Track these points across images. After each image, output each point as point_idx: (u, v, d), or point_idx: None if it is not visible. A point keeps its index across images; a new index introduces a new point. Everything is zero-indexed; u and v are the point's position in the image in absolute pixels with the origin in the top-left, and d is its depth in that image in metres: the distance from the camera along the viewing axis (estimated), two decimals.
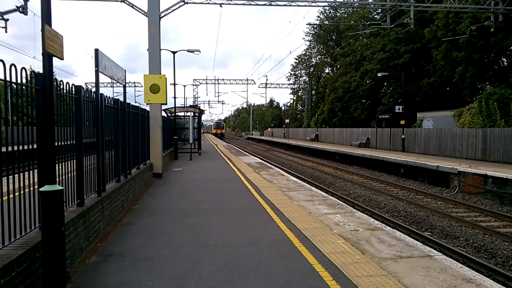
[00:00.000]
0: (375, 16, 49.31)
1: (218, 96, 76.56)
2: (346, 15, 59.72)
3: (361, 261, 5.29)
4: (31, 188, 4.35)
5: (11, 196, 3.88)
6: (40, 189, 3.97)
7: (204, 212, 8.49)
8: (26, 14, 16.10)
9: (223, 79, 63.97)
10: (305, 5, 18.28)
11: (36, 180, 4.38)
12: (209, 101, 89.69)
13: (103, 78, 7.42)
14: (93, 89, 7.11)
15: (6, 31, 17.52)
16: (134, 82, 63.02)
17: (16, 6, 16.45)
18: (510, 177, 13.96)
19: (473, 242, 9.81)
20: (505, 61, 32.23)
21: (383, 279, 4.66)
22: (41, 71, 4.29)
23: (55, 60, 4.26)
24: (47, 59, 3.96)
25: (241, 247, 5.96)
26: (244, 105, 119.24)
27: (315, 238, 6.36)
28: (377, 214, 12.16)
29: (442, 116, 30.35)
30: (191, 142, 22.78)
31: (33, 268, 3.97)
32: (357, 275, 4.78)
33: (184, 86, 48.70)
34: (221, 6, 18.32)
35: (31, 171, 4.38)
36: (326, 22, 60.34)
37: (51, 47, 3.90)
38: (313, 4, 18.46)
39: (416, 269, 4.96)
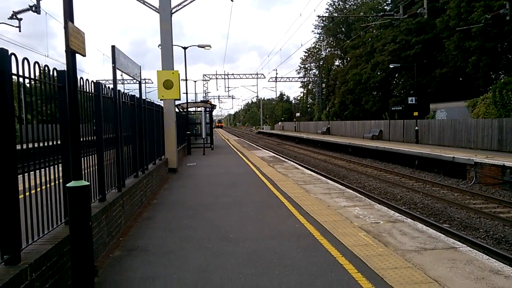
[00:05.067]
0: (385, 7, 48.79)
1: (228, 91, 76.39)
2: (355, 7, 59.14)
3: (384, 253, 5.25)
4: (52, 184, 4.37)
5: (38, 190, 3.92)
6: (67, 185, 3.99)
7: (222, 206, 8.51)
8: (39, 13, 16.21)
9: (232, 74, 63.92)
10: None
11: (53, 176, 4.37)
12: (219, 96, 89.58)
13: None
14: (110, 86, 7.13)
15: (20, 30, 17.69)
16: (145, 79, 63.20)
17: (29, 6, 16.57)
18: None
19: (493, 234, 9.70)
20: None
21: (409, 271, 4.62)
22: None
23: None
24: (71, 56, 3.97)
25: (262, 240, 5.96)
26: (254, 100, 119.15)
27: (336, 231, 6.33)
28: (395, 207, 12.06)
29: (455, 107, 29.95)
30: (203, 137, 22.83)
31: (61, 262, 4.01)
32: (382, 268, 4.75)
33: (195, 81, 48.79)
34: (232, 0, 18.24)
35: (51, 167, 4.38)
36: (335, 14, 59.77)
37: (74, 44, 3.91)
38: None
39: (442, 261, 4.91)
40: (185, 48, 22.53)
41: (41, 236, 3.93)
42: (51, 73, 4.34)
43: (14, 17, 17.60)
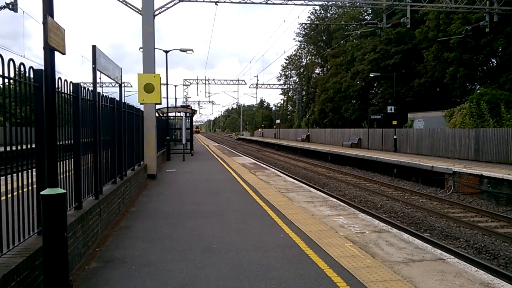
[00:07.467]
0: (366, 17, 49.46)
1: (209, 96, 75.92)
2: (336, 15, 59.81)
3: (372, 265, 5.12)
4: (25, 190, 4.06)
5: (9, 197, 3.62)
6: (41, 193, 3.71)
7: (204, 214, 8.26)
8: (16, 11, 15.66)
9: (213, 79, 63.51)
10: (301, 4, 18.05)
11: (25, 182, 4.08)
12: (199, 101, 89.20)
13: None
14: (90, 88, 6.84)
15: None
16: (124, 82, 62.19)
17: (6, 3, 15.98)
18: (506, 178, 13.96)
19: (474, 243, 9.73)
20: (495, 61, 32.45)
21: (399, 284, 4.49)
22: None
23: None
24: (49, 53, 3.70)
25: (247, 251, 5.75)
26: (235, 106, 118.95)
27: (321, 241, 6.18)
28: (379, 217, 12.02)
29: (433, 117, 30.48)
30: (183, 142, 22.46)
31: (33, 276, 3.72)
32: (371, 280, 4.61)
33: (175, 86, 48.31)
34: (217, 4, 18.02)
35: (24, 172, 4.08)
36: (317, 23, 60.32)
37: (54, 40, 3.65)
38: (309, 2, 18.29)
39: (431, 273, 4.81)
40: (166, 52, 22.23)
41: (10, 249, 3.63)
42: (27, 71, 4.05)
43: None
